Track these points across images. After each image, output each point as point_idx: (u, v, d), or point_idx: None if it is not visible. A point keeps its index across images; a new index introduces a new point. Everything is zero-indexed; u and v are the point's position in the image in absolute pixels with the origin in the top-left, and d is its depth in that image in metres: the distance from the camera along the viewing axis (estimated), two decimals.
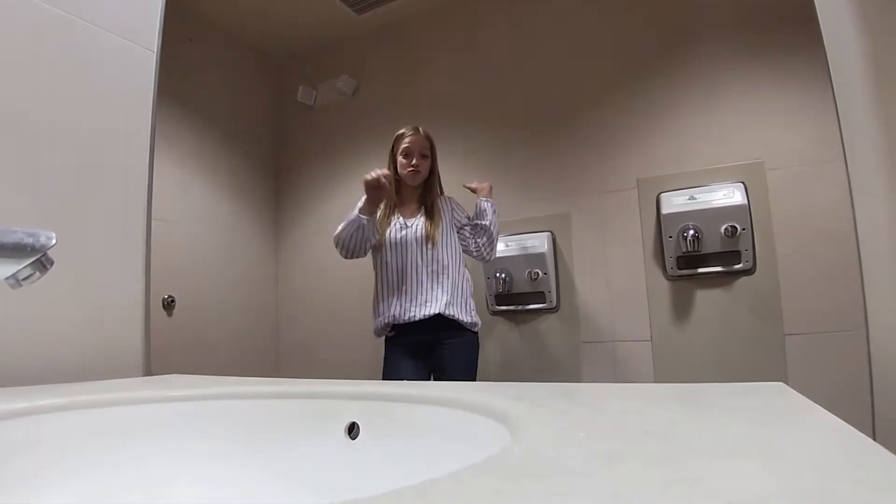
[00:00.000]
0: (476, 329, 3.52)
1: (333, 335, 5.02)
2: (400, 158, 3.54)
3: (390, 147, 3.61)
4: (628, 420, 0.68)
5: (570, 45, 4.29)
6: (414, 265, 3.41)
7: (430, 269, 3.41)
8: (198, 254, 4.75)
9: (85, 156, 1.64)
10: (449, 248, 3.47)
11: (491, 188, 3.72)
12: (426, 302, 3.37)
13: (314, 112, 5.51)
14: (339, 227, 3.41)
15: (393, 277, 3.45)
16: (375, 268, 3.54)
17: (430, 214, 3.51)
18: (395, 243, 3.44)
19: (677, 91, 3.89)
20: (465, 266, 3.57)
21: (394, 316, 3.39)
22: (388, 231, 3.48)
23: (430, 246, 3.42)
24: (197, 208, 4.81)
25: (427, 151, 3.56)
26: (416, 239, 3.43)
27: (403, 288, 3.41)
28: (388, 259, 3.46)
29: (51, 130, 1.57)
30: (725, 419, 0.68)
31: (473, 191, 3.76)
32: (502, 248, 4.07)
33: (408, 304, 3.38)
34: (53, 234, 0.97)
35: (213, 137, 5.04)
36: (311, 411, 1.07)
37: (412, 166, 3.51)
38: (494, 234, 3.60)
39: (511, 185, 4.35)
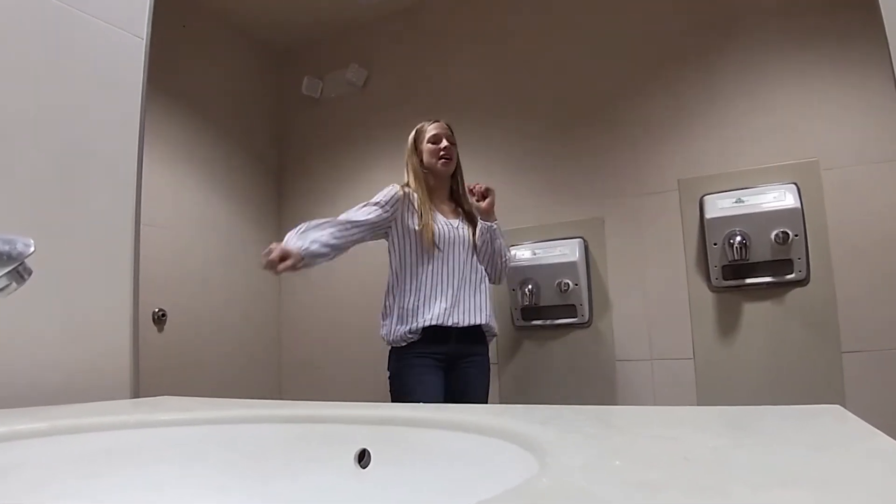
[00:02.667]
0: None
1: (342, 352, 5.02)
2: (429, 146, 3.52)
3: (411, 144, 3.60)
4: (668, 447, 0.68)
5: (603, 33, 4.29)
6: (461, 270, 3.44)
7: (472, 276, 3.47)
8: (191, 263, 4.77)
9: (67, 154, 1.64)
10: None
11: (493, 203, 3.56)
12: (471, 310, 3.41)
13: (320, 106, 5.53)
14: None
15: (438, 279, 3.41)
16: (407, 266, 3.44)
17: (470, 218, 3.56)
18: (447, 243, 3.43)
19: (721, 82, 3.88)
20: None
21: (434, 317, 3.32)
22: (436, 229, 3.42)
23: (473, 252, 3.49)
24: (191, 212, 4.84)
25: (454, 139, 3.58)
26: (462, 242, 3.46)
27: (450, 292, 3.40)
28: (436, 258, 3.41)
29: (29, 126, 1.57)
30: (776, 445, 0.67)
31: (472, 193, 3.60)
32: (528, 255, 4.08)
33: (453, 309, 3.37)
34: (31, 241, 0.98)
35: (209, 134, 5.07)
36: (317, 437, 1.08)
37: (444, 150, 3.50)
38: (502, 265, 3.62)
39: (538, 186, 4.35)
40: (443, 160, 3.50)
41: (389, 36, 5.25)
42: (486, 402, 3.45)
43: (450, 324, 3.33)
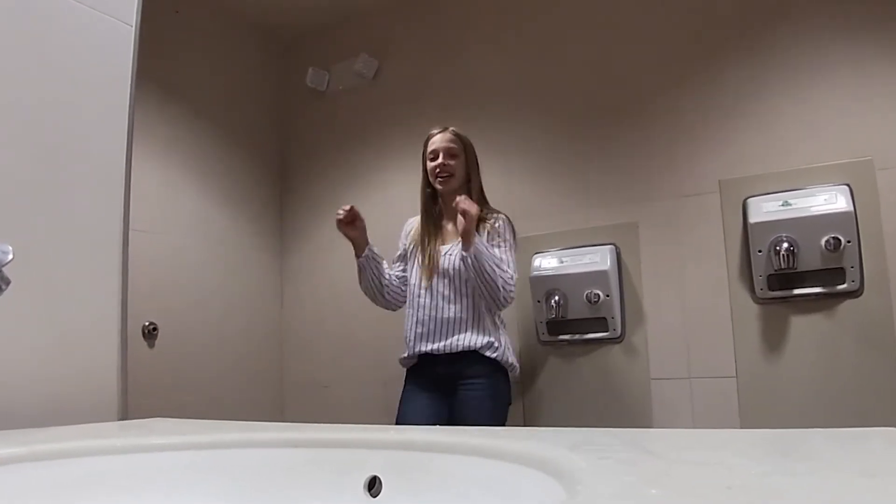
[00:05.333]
0: (511, 370, 3.62)
1: (350, 370, 5.02)
2: (428, 163, 3.68)
3: (422, 156, 3.74)
4: (708, 474, 0.68)
5: (636, 20, 4.29)
6: (451, 295, 3.55)
7: (464, 300, 3.54)
8: (185, 272, 4.80)
9: (48, 152, 1.64)
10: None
11: (467, 227, 3.32)
12: (459, 335, 3.50)
13: (327, 99, 5.55)
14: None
15: (427, 305, 3.60)
16: (408, 291, 3.73)
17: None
18: (438, 272, 3.58)
19: (766, 73, 3.87)
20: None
21: (421, 344, 3.56)
22: (424, 261, 3.63)
23: (463, 276, 3.52)
24: (184, 216, 4.86)
25: (457, 151, 3.64)
26: (451, 268, 3.55)
27: (435, 315, 3.56)
28: (426, 287, 3.61)
29: (6, 122, 1.57)
30: (826, 472, 0.68)
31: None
32: (554, 264, 4.08)
33: (436, 335, 3.54)
34: (10, 248, 0.98)
35: (204, 131, 5.09)
36: (324, 463, 1.08)
37: (439, 168, 3.61)
38: (490, 294, 3.47)
39: (565, 188, 4.36)
40: (439, 179, 3.63)
41: (402, 23, 5.27)
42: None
43: (435, 350, 3.51)
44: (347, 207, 3.48)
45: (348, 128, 5.38)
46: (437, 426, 1.23)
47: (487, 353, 3.47)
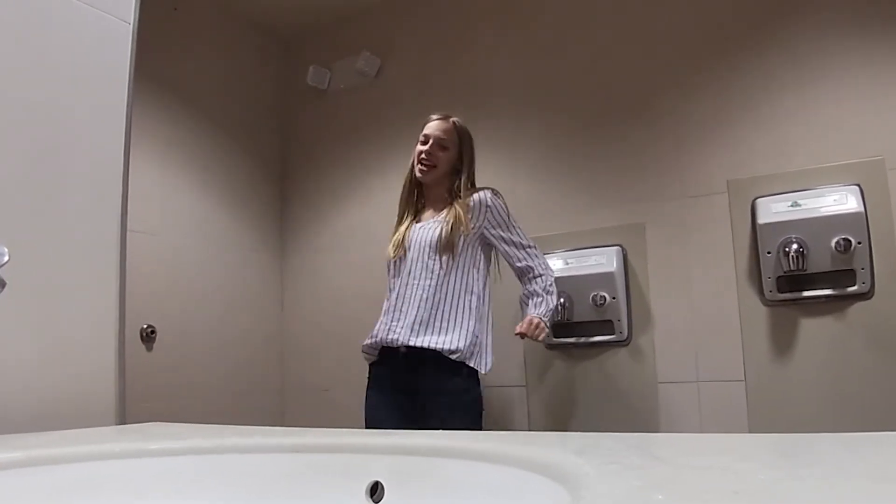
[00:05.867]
0: (478, 372, 3.44)
1: (352, 373, 4.98)
2: (418, 146, 3.62)
3: None
4: (716, 479, 0.68)
5: (643, 17, 4.29)
6: (418, 281, 3.46)
7: (434, 288, 3.43)
8: (184, 274, 4.80)
9: (45, 152, 1.64)
10: (458, 268, 3.49)
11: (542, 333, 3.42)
12: (423, 328, 3.39)
13: (328, 98, 5.56)
14: None
15: (396, 293, 3.54)
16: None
17: (447, 215, 3.52)
18: (408, 249, 3.53)
19: (775, 71, 3.87)
20: (483, 292, 3.54)
21: (380, 332, 3.50)
22: (397, 238, 3.61)
23: (434, 258, 3.45)
24: (183, 217, 4.87)
25: (448, 143, 3.59)
26: (421, 247, 3.49)
27: (401, 305, 3.48)
28: (396, 269, 3.58)
29: (2, 119, 1.57)
30: (836, 477, 0.68)
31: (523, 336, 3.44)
32: (560, 266, 4.07)
33: (397, 325, 3.44)
34: (5, 250, 0.99)
35: (203, 130, 5.10)
36: (325, 468, 1.08)
37: (424, 155, 3.57)
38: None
39: (571, 188, 4.36)
40: (420, 166, 3.58)
41: (405, 20, 5.28)
42: None
43: (396, 342, 3.40)
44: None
45: (350, 127, 5.39)
46: (439, 430, 1.23)
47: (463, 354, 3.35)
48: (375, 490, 1.02)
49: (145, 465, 1.10)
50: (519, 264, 3.54)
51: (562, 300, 4.00)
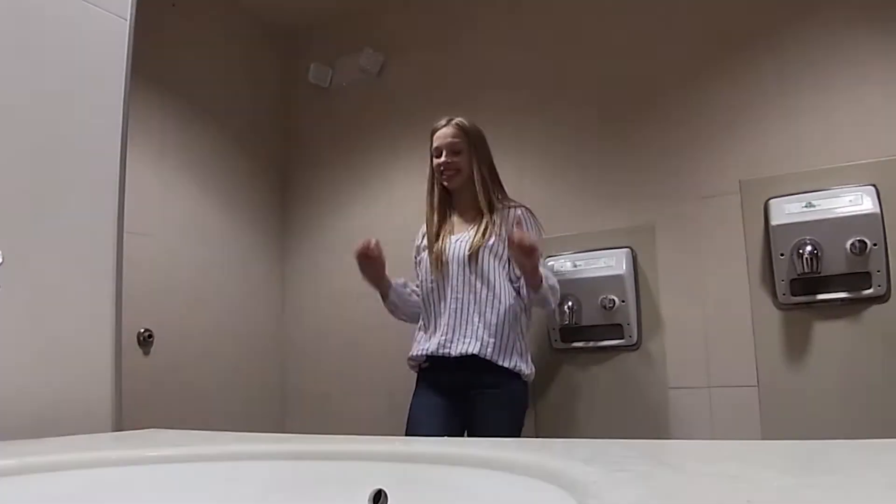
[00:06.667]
0: (525, 377, 3.60)
1: (355, 379, 5.01)
2: (434, 160, 3.73)
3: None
4: (728, 487, 0.68)
5: (654, 12, 4.29)
6: (456, 293, 3.59)
7: (471, 299, 3.57)
8: (182, 276, 4.80)
9: (39, 151, 1.64)
10: (495, 272, 3.60)
11: (536, 261, 3.39)
12: (466, 338, 3.51)
13: (330, 96, 5.55)
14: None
15: (434, 304, 3.67)
16: (421, 290, 3.78)
17: (482, 227, 3.63)
18: (446, 265, 3.63)
19: (789, 69, 3.87)
20: (517, 299, 3.65)
21: (426, 345, 3.61)
22: (432, 255, 3.69)
23: (473, 266, 3.56)
24: (182, 218, 4.87)
25: (460, 146, 3.68)
26: (458, 261, 3.60)
27: (443, 318, 3.59)
28: (434, 282, 3.67)
29: None
30: (852, 485, 0.68)
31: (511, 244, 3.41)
32: (568, 268, 4.08)
33: (443, 338, 3.55)
34: None
35: (202, 129, 5.10)
36: (326, 476, 1.08)
37: (443, 166, 3.67)
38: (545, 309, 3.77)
39: (579, 188, 4.36)
40: (444, 177, 3.70)
41: (409, 15, 5.27)
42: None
43: (441, 353, 3.53)
44: (373, 242, 3.51)
45: (352, 126, 5.39)
46: (445, 437, 1.23)
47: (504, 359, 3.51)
48: (378, 499, 1.02)
49: (143, 472, 1.10)
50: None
51: (570, 303, 4.01)
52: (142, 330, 4.44)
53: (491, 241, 3.56)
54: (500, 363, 3.47)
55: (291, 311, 5.49)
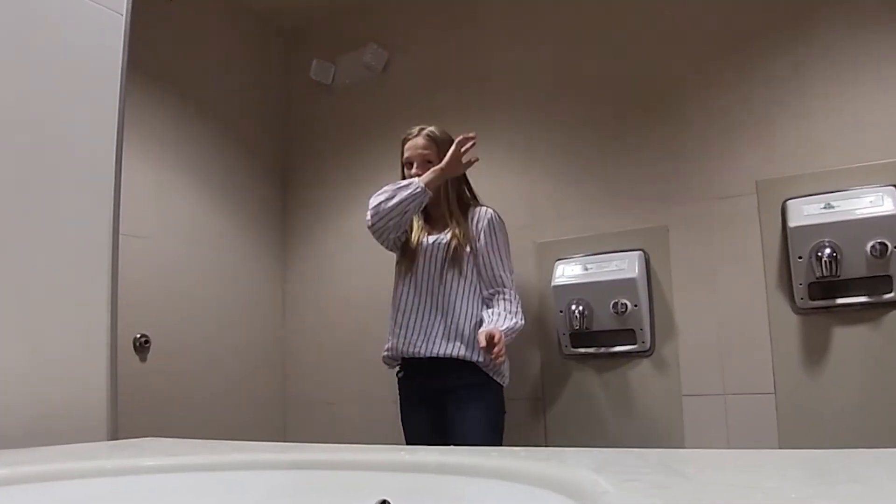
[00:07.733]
0: (500, 380, 3.71)
1: (357, 386, 5.01)
2: (405, 170, 3.91)
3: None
4: (744, 497, 0.68)
5: (667, 12, 4.28)
6: (429, 291, 3.74)
7: (445, 299, 3.71)
8: (180, 280, 4.80)
9: (32, 152, 1.65)
10: (461, 280, 3.74)
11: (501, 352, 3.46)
12: (438, 338, 3.66)
13: (332, 94, 5.55)
14: (385, 193, 3.74)
15: (407, 302, 3.78)
16: (394, 286, 3.88)
17: (457, 228, 3.79)
18: (419, 262, 3.76)
19: (807, 66, 3.87)
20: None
21: (396, 344, 3.75)
22: (409, 248, 3.83)
23: (449, 269, 3.72)
24: (179, 220, 4.87)
25: (431, 157, 3.81)
26: (433, 259, 3.74)
27: (415, 317, 3.74)
28: (407, 279, 3.80)
29: None
30: (872, 496, 0.68)
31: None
32: (578, 271, 4.08)
33: (415, 337, 3.70)
34: None
35: (201, 127, 5.11)
36: (329, 486, 1.08)
37: (413, 176, 3.78)
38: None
39: (590, 189, 4.36)
40: None
41: (414, 11, 5.27)
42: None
43: (412, 353, 3.67)
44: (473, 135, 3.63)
45: (356, 124, 5.39)
46: (450, 446, 1.23)
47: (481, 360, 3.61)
48: None
49: (139, 482, 1.11)
50: (491, 273, 3.77)
51: (581, 308, 4.00)
52: (138, 335, 4.43)
53: (460, 250, 3.71)
54: (469, 359, 3.59)
55: (292, 315, 5.49)
